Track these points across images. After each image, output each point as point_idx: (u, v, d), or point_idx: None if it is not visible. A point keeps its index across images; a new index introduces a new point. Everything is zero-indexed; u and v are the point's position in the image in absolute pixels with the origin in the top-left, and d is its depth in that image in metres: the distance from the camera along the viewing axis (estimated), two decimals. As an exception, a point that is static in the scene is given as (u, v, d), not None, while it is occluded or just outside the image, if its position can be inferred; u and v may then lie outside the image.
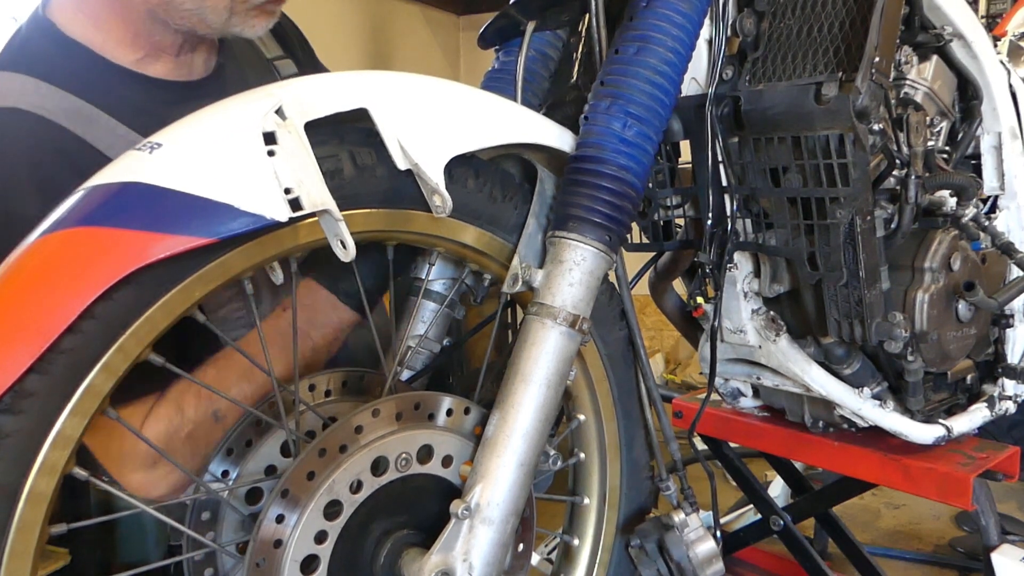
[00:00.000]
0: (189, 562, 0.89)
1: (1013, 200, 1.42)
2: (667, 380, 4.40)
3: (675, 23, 0.94)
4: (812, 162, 1.02)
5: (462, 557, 0.81)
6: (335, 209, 0.75)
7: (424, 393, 0.91)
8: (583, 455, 1.09)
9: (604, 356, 1.07)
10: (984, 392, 1.45)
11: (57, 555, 2.38)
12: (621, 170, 0.91)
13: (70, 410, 0.67)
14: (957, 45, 1.32)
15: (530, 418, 0.86)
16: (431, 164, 0.82)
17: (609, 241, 0.91)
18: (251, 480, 0.90)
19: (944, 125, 1.38)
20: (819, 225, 1.06)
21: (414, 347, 1.09)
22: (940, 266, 1.23)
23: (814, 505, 1.73)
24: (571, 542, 1.10)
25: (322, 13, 4.18)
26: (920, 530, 2.61)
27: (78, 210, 0.69)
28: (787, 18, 1.06)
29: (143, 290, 0.70)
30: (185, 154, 0.71)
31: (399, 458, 0.85)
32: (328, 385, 0.99)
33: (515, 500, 0.85)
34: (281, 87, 0.76)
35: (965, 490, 1.27)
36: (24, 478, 0.65)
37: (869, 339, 1.12)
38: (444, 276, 1.09)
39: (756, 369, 1.33)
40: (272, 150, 0.71)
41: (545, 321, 0.87)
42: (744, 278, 1.23)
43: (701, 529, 0.98)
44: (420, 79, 0.85)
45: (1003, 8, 3.25)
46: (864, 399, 1.27)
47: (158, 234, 0.67)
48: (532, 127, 0.93)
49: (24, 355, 0.64)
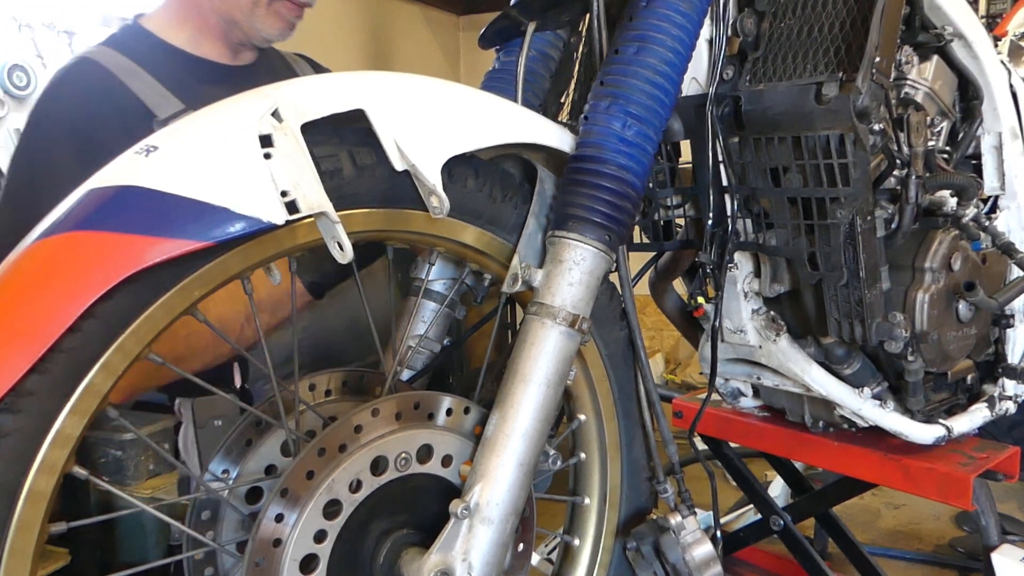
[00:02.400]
0: (189, 561, 0.89)
1: (1013, 200, 1.42)
2: (667, 380, 4.40)
3: (675, 23, 0.94)
4: (812, 162, 1.01)
5: (461, 557, 0.81)
6: (332, 211, 0.75)
7: (424, 393, 0.91)
8: (583, 455, 1.09)
9: (604, 356, 1.07)
10: (984, 392, 1.45)
11: (57, 555, 2.38)
12: (621, 170, 0.91)
13: (70, 409, 0.67)
14: (958, 45, 1.32)
15: (530, 418, 0.86)
16: (428, 165, 0.81)
17: (609, 241, 0.91)
18: (251, 479, 0.90)
19: (944, 125, 1.38)
20: (819, 225, 1.06)
21: (414, 347, 1.09)
22: (940, 266, 1.23)
23: (814, 505, 1.73)
24: (571, 542, 1.10)
25: (322, 13, 4.16)
26: (920, 530, 2.61)
27: (75, 214, 0.69)
28: (787, 18, 1.06)
29: (142, 290, 0.70)
30: (181, 157, 0.71)
31: (399, 458, 0.85)
32: (328, 385, 0.99)
33: (515, 500, 0.85)
34: (277, 89, 0.76)
35: (965, 490, 1.27)
36: (24, 477, 0.65)
37: (869, 339, 1.12)
38: (444, 276, 1.09)
39: (756, 369, 1.33)
40: (268, 152, 0.71)
41: (545, 321, 0.87)
42: (744, 278, 1.23)
43: (698, 532, 0.98)
44: (417, 79, 0.85)
45: (1003, 8, 3.25)
46: (864, 399, 1.27)
47: (155, 238, 0.67)
48: (531, 127, 0.93)
49: (23, 358, 0.64)
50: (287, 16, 1.37)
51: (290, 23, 1.39)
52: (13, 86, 2.84)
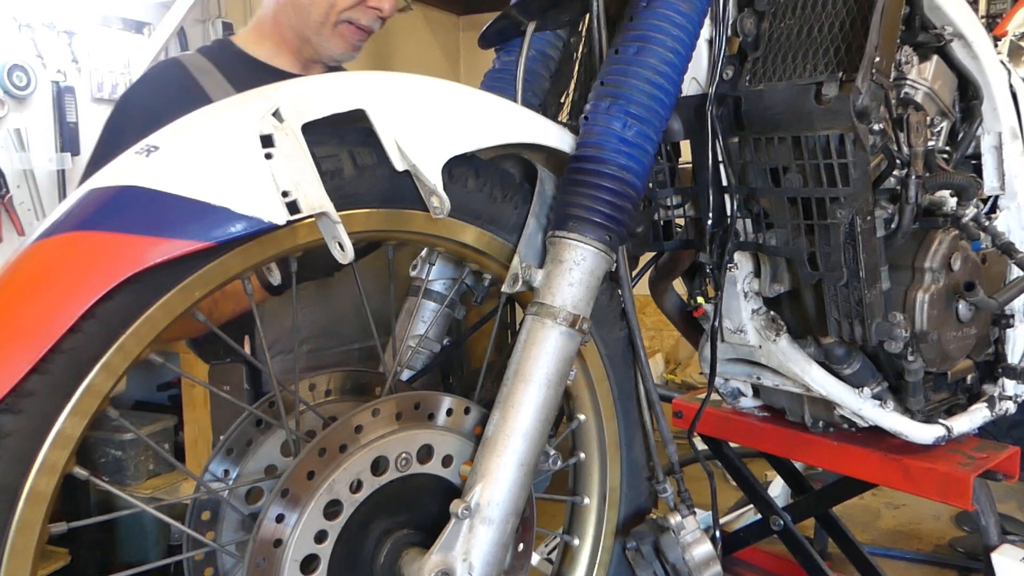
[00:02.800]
0: (189, 561, 0.89)
1: (1013, 200, 1.42)
2: (667, 380, 4.40)
3: (675, 23, 0.94)
4: (812, 162, 1.01)
5: (462, 557, 0.81)
6: (333, 211, 0.75)
7: (424, 393, 0.91)
8: (583, 455, 1.09)
9: (604, 356, 1.07)
10: (984, 392, 1.45)
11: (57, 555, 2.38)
12: (621, 170, 0.91)
13: (70, 409, 0.67)
14: (957, 45, 1.32)
15: (530, 418, 0.86)
16: (429, 165, 0.81)
17: (609, 241, 0.91)
18: (251, 480, 0.90)
19: (944, 125, 1.38)
20: (819, 225, 1.06)
21: (414, 347, 1.09)
22: (940, 266, 1.23)
23: (814, 505, 1.73)
24: (571, 542, 1.10)
25: (322, 13, 4.17)
26: (920, 530, 2.61)
27: (76, 214, 0.69)
28: (787, 18, 1.06)
29: (143, 290, 0.70)
30: (182, 157, 0.71)
31: (399, 458, 0.85)
32: (328, 385, 0.99)
33: (515, 500, 0.85)
34: (278, 89, 0.76)
35: (965, 490, 1.27)
36: (24, 477, 0.65)
37: (869, 339, 1.12)
38: (444, 276, 1.09)
39: (756, 369, 1.33)
40: (269, 153, 0.72)
41: (545, 321, 0.87)
42: (744, 278, 1.23)
43: (698, 531, 0.98)
44: (418, 79, 0.85)
45: (1003, 8, 3.25)
46: (864, 399, 1.27)
47: (156, 238, 0.67)
48: (531, 127, 0.93)
49: (24, 359, 0.63)
50: (351, 38, 1.48)
51: (354, 45, 1.49)
52: (13, 86, 2.84)
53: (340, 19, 1.45)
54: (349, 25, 1.46)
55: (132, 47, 3.29)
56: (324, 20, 1.45)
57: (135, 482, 2.66)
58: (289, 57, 1.53)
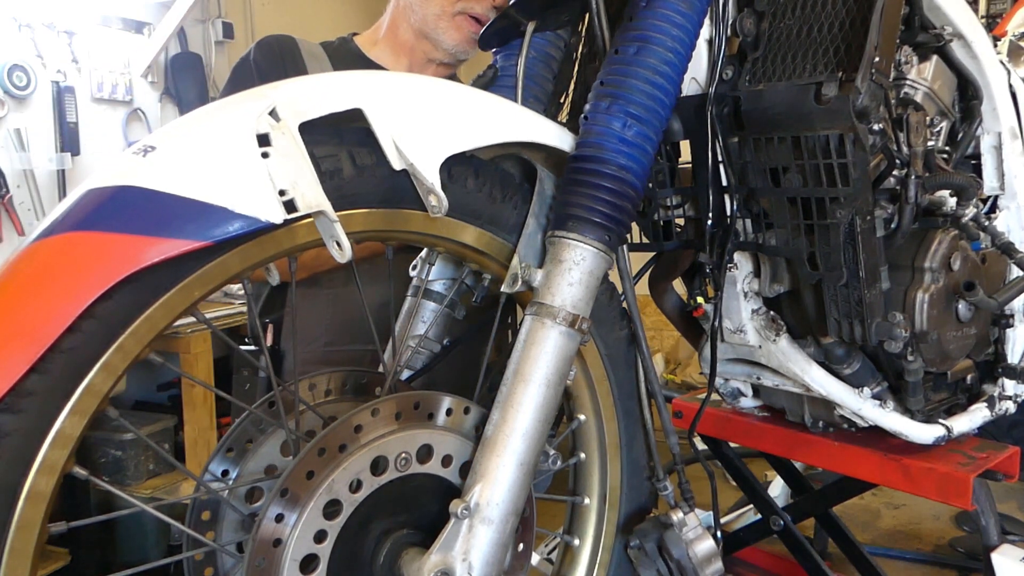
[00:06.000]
0: (189, 561, 0.89)
1: (1013, 200, 1.42)
2: (667, 380, 4.40)
3: (675, 23, 0.94)
4: (812, 162, 1.01)
5: (462, 557, 0.81)
6: (330, 210, 0.74)
7: (424, 393, 0.91)
8: (583, 455, 1.09)
9: (604, 356, 1.07)
10: (984, 392, 1.45)
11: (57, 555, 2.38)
12: (621, 170, 0.91)
13: (70, 409, 0.67)
14: (957, 45, 1.32)
15: (530, 418, 0.86)
16: (426, 163, 0.81)
17: (609, 241, 0.91)
18: (251, 479, 0.90)
19: (944, 125, 1.38)
20: (819, 225, 1.06)
21: (414, 347, 1.09)
22: (940, 266, 1.23)
23: (814, 505, 1.73)
24: (571, 542, 1.10)
25: (322, 13, 4.17)
26: (920, 530, 2.61)
27: (73, 215, 0.68)
28: (787, 18, 1.06)
29: (142, 290, 0.70)
30: (179, 157, 0.70)
31: (399, 458, 0.85)
32: (328, 385, 0.99)
33: (515, 500, 0.85)
34: (274, 88, 0.76)
35: (965, 490, 1.27)
36: (24, 477, 0.65)
37: (869, 339, 1.11)
38: (444, 276, 1.09)
39: (756, 369, 1.33)
40: (266, 152, 0.71)
41: (545, 321, 0.87)
42: (744, 278, 1.23)
43: (700, 528, 0.98)
44: (415, 79, 0.85)
45: (1003, 8, 3.25)
46: (864, 399, 1.27)
47: (153, 238, 0.67)
48: (530, 126, 0.93)
49: (23, 358, 0.63)
50: (467, 29, 1.53)
51: (471, 37, 1.53)
52: (13, 86, 2.84)
53: (457, 10, 1.52)
54: (466, 16, 1.52)
55: (132, 47, 3.29)
56: (442, 12, 1.52)
57: (135, 482, 2.66)
58: (402, 59, 1.62)
